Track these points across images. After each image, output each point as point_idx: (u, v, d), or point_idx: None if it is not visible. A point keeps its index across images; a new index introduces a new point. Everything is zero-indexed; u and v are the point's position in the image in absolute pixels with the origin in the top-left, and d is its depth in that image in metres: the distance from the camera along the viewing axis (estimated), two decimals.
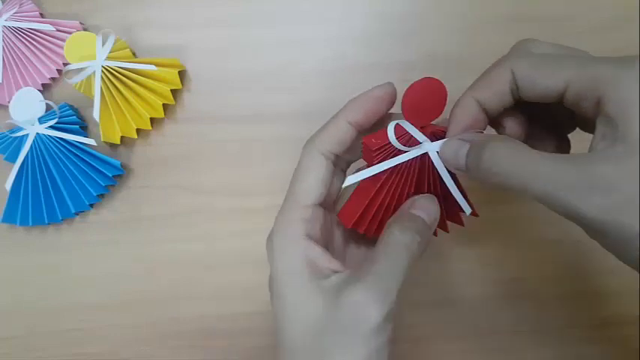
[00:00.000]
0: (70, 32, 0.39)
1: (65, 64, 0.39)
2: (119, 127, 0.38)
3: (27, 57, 0.40)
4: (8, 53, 0.40)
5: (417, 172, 0.26)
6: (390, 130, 0.25)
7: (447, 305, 0.39)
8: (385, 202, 0.26)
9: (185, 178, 0.40)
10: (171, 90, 0.38)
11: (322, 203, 0.26)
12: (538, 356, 0.38)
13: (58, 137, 0.38)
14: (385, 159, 0.25)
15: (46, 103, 0.39)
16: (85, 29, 0.41)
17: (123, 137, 0.39)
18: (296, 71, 0.40)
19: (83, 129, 0.40)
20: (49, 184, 0.38)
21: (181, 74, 0.40)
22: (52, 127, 0.38)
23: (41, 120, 0.38)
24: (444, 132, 0.26)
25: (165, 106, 0.39)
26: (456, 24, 0.40)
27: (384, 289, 0.22)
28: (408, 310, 0.39)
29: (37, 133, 0.38)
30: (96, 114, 0.38)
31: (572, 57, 0.22)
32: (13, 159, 0.38)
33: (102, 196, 0.40)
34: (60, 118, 0.38)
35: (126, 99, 0.38)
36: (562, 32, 0.40)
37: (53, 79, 0.41)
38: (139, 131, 0.39)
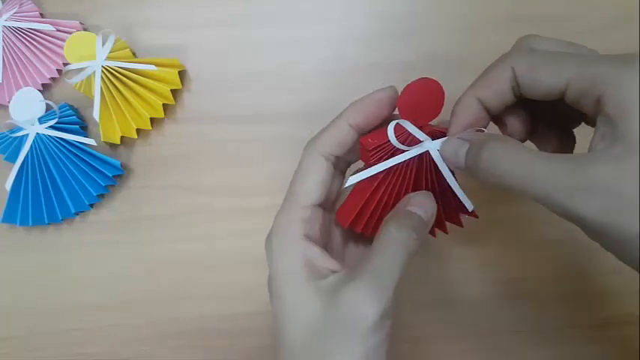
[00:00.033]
0: (70, 32, 0.39)
1: (65, 64, 0.39)
2: (119, 127, 0.38)
3: (27, 57, 0.40)
4: (8, 53, 0.40)
5: (415, 172, 0.26)
6: (390, 129, 0.25)
7: (447, 305, 0.39)
8: (382, 201, 0.26)
9: (185, 178, 0.40)
10: (171, 90, 0.38)
11: (322, 204, 0.26)
12: (538, 356, 0.38)
13: (58, 137, 0.38)
14: (382, 158, 0.25)
15: (46, 103, 0.39)
16: (85, 29, 0.41)
17: (123, 137, 0.39)
18: (296, 71, 0.40)
19: (83, 129, 0.40)
20: (49, 184, 0.38)
21: (181, 74, 0.40)
22: (52, 127, 0.38)
23: (41, 120, 0.38)
24: (442, 133, 0.26)
25: (165, 106, 0.39)
26: (456, 24, 0.40)
27: (380, 287, 0.22)
28: (408, 310, 0.39)
29: (37, 133, 0.38)
30: (96, 114, 0.38)
31: (573, 55, 0.22)
32: (13, 159, 0.38)
33: (102, 196, 0.40)
34: (60, 118, 0.38)
35: (126, 99, 0.38)
36: (562, 32, 0.39)
37: (53, 79, 0.41)
38: (139, 131, 0.39)
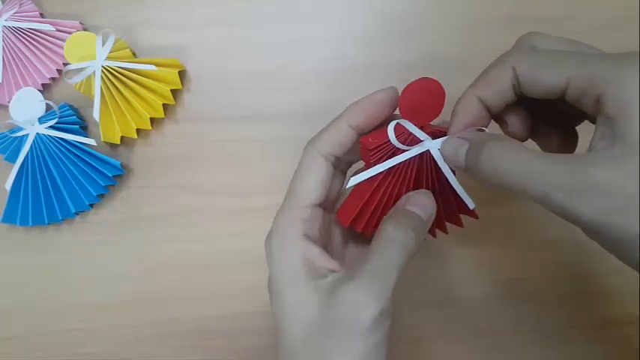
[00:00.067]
0: (70, 32, 0.39)
1: (65, 64, 0.39)
2: (119, 127, 0.38)
3: (27, 57, 0.40)
4: (8, 53, 0.40)
5: (415, 171, 0.26)
6: (390, 129, 0.25)
7: (447, 305, 0.39)
8: (383, 200, 0.26)
9: (185, 178, 0.40)
10: (171, 90, 0.38)
11: (321, 204, 0.26)
12: (538, 356, 0.38)
13: (58, 137, 0.38)
14: (382, 158, 0.25)
15: (46, 103, 0.39)
16: (85, 29, 0.41)
17: (123, 137, 0.39)
18: (296, 71, 0.40)
19: (83, 129, 0.40)
20: (49, 184, 0.38)
21: (181, 74, 0.40)
22: (52, 127, 0.38)
23: (41, 120, 0.38)
24: (443, 132, 0.26)
25: (165, 106, 0.39)
26: (456, 24, 0.40)
27: (377, 287, 0.22)
28: (408, 310, 0.38)
29: (37, 133, 0.38)
30: (96, 114, 0.38)
31: (574, 54, 0.22)
32: (13, 159, 0.38)
33: (102, 196, 0.40)
34: (60, 118, 0.38)
35: (126, 99, 0.38)
36: (562, 32, 0.39)
37: (53, 79, 0.41)
38: (139, 131, 0.39)
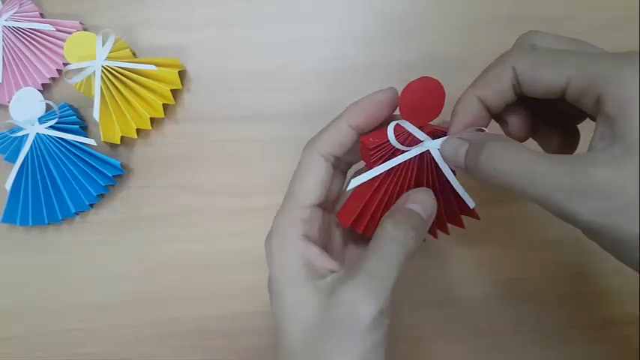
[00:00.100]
0: (70, 32, 0.39)
1: (65, 64, 0.39)
2: (119, 127, 0.38)
3: (27, 57, 0.40)
4: (8, 53, 0.40)
5: (416, 172, 0.26)
6: (389, 130, 0.25)
7: (447, 305, 0.39)
8: (384, 201, 0.26)
9: (185, 178, 0.40)
10: (171, 90, 0.38)
11: (321, 204, 0.26)
12: (538, 356, 0.38)
13: (58, 137, 0.38)
14: (383, 157, 0.25)
15: (46, 103, 0.39)
16: (85, 29, 0.41)
17: (123, 137, 0.39)
18: (296, 71, 0.40)
19: (83, 129, 0.40)
20: (49, 184, 0.38)
21: (181, 74, 0.40)
22: (52, 127, 0.38)
23: (41, 120, 0.38)
24: (443, 132, 0.26)
25: (165, 106, 0.39)
26: (456, 24, 0.40)
27: (376, 287, 0.22)
28: (408, 310, 0.38)
29: (37, 133, 0.38)
30: (96, 114, 0.38)
31: (574, 53, 0.22)
32: (13, 159, 0.38)
33: (102, 196, 0.40)
34: (60, 118, 0.38)
35: (126, 99, 0.38)
36: (562, 32, 0.39)
37: (53, 79, 0.41)
38: (139, 131, 0.39)
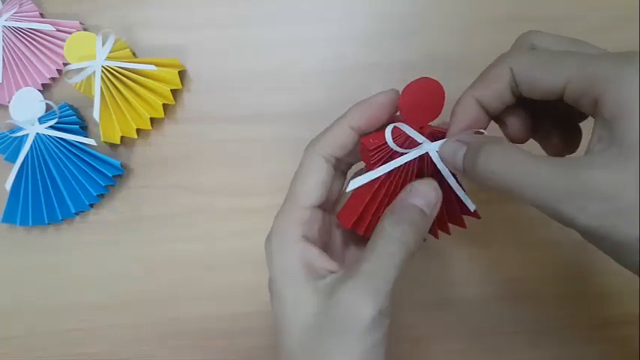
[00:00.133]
0: (70, 32, 0.39)
1: (65, 64, 0.39)
2: (119, 127, 0.38)
3: (27, 57, 0.40)
4: (8, 53, 0.40)
5: (416, 173, 0.26)
6: (387, 132, 0.25)
7: (447, 305, 0.39)
8: (384, 202, 0.26)
9: (185, 178, 0.40)
10: (171, 90, 0.38)
11: (322, 205, 0.26)
12: (538, 356, 0.38)
13: (58, 137, 0.38)
14: (383, 158, 0.25)
15: (46, 103, 0.39)
16: (85, 29, 0.41)
17: (123, 137, 0.39)
18: (296, 71, 0.40)
19: (83, 129, 0.40)
20: (49, 184, 0.38)
21: (181, 74, 0.40)
22: (52, 127, 0.38)
23: (41, 120, 0.38)
24: (443, 133, 0.26)
25: (165, 106, 0.39)
26: (456, 24, 0.40)
27: (375, 287, 0.22)
28: (408, 309, 0.39)
29: (37, 133, 0.38)
30: (96, 114, 0.38)
31: (572, 54, 0.21)
32: (13, 159, 0.38)
33: (102, 196, 0.40)
34: (60, 118, 0.38)
35: (126, 99, 0.38)
36: (562, 32, 0.39)
37: (53, 79, 0.41)
38: (139, 131, 0.39)
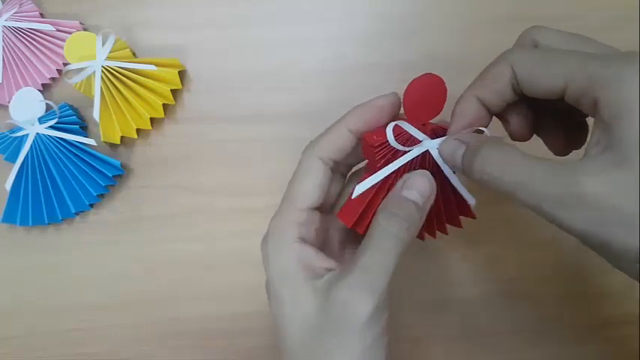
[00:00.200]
0: (70, 32, 0.39)
1: (65, 64, 0.39)
2: (119, 127, 0.38)
3: (27, 57, 0.40)
4: (8, 53, 0.40)
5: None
6: (388, 131, 0.25)
7: (447, 305, 0.39)
8: None
9: (185, 178, 0.40)
10: (171, 90, 0.38)
11: (319, 207, 0.26)
12: (537, 356, 0.38)
13: (58, 137, 0.38)
14: (387, 155, 0.25)
15: (46, 103, 0.39)
16: (85, 29, 0.41)
17: (123, 137, 0.39)
18: (296, 71, 0.40)
19: (83, 129, 0.40)
20: (49, 184, 0.38)
21: (181, 74, 0.40)
22: (52, 127, 0.38)
23: (41, 120, 0.38)
24: (444, 130, 0.26)
25: (165, 106, 0.39)
26: (456, 24, 0.40)
27: (370, 283, 0.22)
28: (408, 309, 0.39)
29: (37, 133, 0.38)
30: (96, 114, 0.38)
31: (573, 54, 0.21)
32: (13, 159, 0.38)
33: (102, 196, 0.40)
34: (60, 118, 0.38)
35: (126, 99, 0.38)
36: None
37: (53, 79, 0.41)
38: (139, 131, 0.39)
